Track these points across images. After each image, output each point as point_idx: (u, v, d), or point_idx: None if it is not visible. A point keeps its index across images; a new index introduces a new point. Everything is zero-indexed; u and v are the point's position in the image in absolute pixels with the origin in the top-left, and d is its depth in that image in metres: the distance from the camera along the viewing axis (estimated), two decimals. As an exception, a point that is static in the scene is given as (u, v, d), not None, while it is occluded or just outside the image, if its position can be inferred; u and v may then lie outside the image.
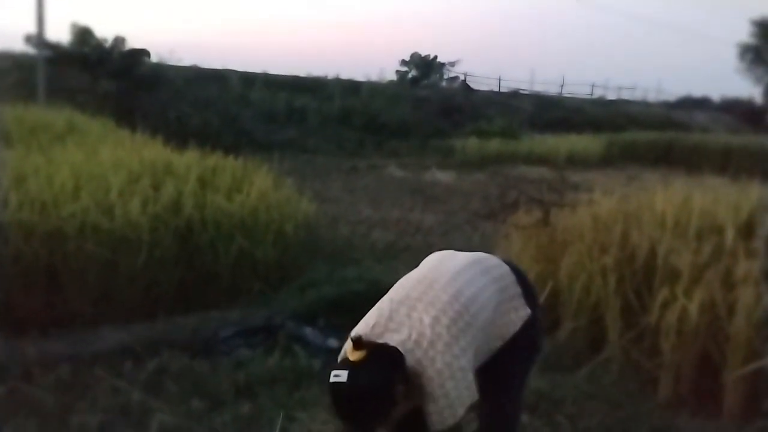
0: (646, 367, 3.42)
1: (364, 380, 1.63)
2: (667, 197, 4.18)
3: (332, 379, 1.64)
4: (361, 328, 1.82)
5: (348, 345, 1.68)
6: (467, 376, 1.76)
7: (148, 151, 6.03)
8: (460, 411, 1.75)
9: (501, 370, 2.02)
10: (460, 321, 1.79)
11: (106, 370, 3.25)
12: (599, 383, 3.42)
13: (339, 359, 1.76)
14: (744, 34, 34.32)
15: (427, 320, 1.78)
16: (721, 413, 3.09)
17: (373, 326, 1.81)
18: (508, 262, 2.11)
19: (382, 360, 1.68)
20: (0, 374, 3.06)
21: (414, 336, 1.76)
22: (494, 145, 16.23)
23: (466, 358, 1.77)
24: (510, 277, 2.02)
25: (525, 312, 1.98)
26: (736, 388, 3.07)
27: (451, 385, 1.72)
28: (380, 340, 1.75)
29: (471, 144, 16.22)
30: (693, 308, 3.18)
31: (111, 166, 5.02)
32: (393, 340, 1.75)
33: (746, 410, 3.05)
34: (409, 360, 1.72)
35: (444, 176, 12.60)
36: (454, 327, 1.77)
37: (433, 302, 1.82)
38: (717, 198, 4.13)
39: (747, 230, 3.60)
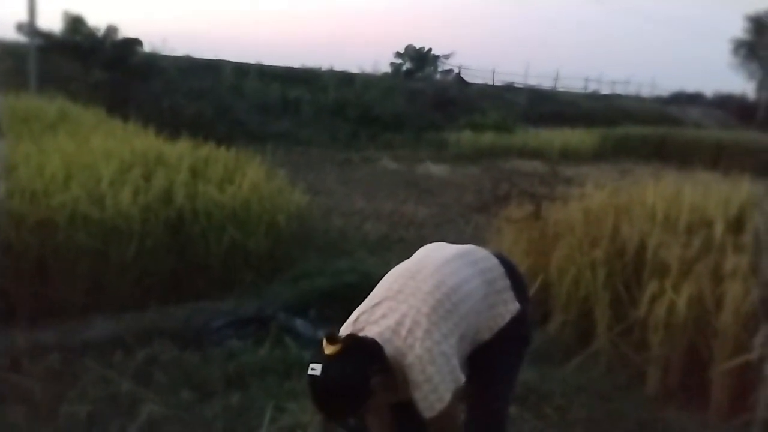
0: (634, 360, 3.44)
1: (336, 373, 1.65)
2: (658, 191, 4.20)
3: (309, 373, 1.68)
4: (346, 323, 1.85)
5: (324, 341, 1.70)
6: (450, 361, 1.77)
7: (139, 141, 6.01)
8: (446, 396, 1.76)
9: (490, 363, 2.02)
10: (440, 309, 1.80)
11: (95, 360, 3.25)
12: (588, 376, 3.44)
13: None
14: (738, 29, 34.45)
15: (407, 310, 1.80)
16: (708, 406, 3.12)
17: (356, 321, 1.84)
18: (498, 255, 2.11)
19: (356, 352, 1.69)
20: (-11, 363, 3.06)
21: (393, 325, 1.78)
22: (488, 138, 16.21)
23: (447, 344, 1.78)
24: (498, 270, 2.02)
25: (514, 306, 1.98)
26: (723, 381, 3.09)
27: (433, 369, 1.74)
28: (362, 334, 1.77)
29: (465, 137, 16.21)
30: (681, 302, 3.20)
31: (102, 155, 5.00)
32: (372, 332, 1.77)
33: (733, 404, 3.07)
34: (388, 350, 1.73)
35: (437, 169, 12.59)
36: (434, 315, 1.79)
37: (414, 293, 1.84)
38: (707, 192, 4.16)
39: (736, 225, 3.62)
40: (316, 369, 1.66)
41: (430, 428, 1.86)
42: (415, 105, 20.92)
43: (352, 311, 1.90)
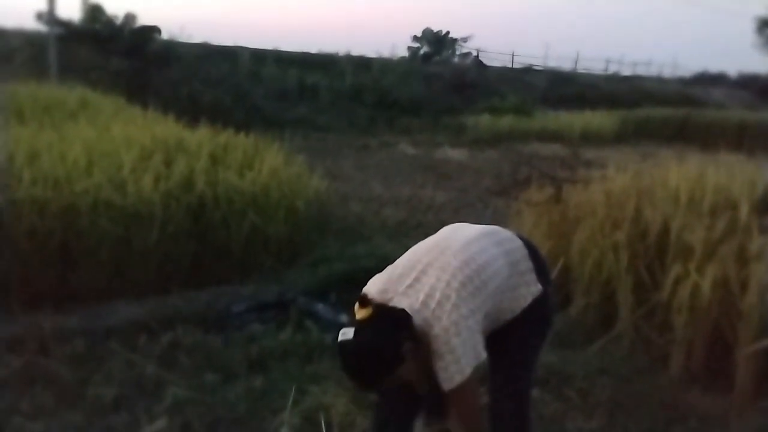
0: (657, 343, 3.42)
1: (369, 337, 1.68)
2: (682, 173, 4.14)
3: (339, 338, 1.71)
4: (370, 293, 1.85)
5: (356, 305, 1.72)
6: (474, 336, 1.79)
7: (159, 127, 6.04)
8: (467, 369, 1.77)
9: (512, 345, 2.03)
10: (469, 285, 1.82)
11: (120, 344, 3.30)
12: (610, 359, 3.42)
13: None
14: (761, 8, 33.62)
15: (436, 283, 1.81)
16: (732, 389, 3.09)
17: (383, 291, 1.84)
18: (521, 237, 2.11)
19: (388, 318, 1.72)
20: (17, 347, 3.12)
21: (422, 297, 1.79)
22: (507, 121, 16.06)
23: (474, 320, 1.79)
24: (522, 252, 2.02)
25: (536, 288, 1.98)
26: (747, 364, 3.05)
27: (457, 341, 1.75)
28: (391, 304, 1.79)
29: (483, 121, 16.07)
30: (705, 284, 3.16)
31: (123, 142, 5.03)
32: (401, 303, 1.79)
33: (758, 387, 3.04)
34: (417, 320, 1.75)
35: (456, 153, 12.53)
36: (463, 290, 1.80)
37: (444, 267, 1.85)
38: (732, 174, 4.09)
39: (762, 206, 3.56)
40: (347, 333, 1.69)
41: (450, 405, 1.86)
42: (433, 89, 20.78)
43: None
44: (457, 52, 30.21)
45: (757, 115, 19.22)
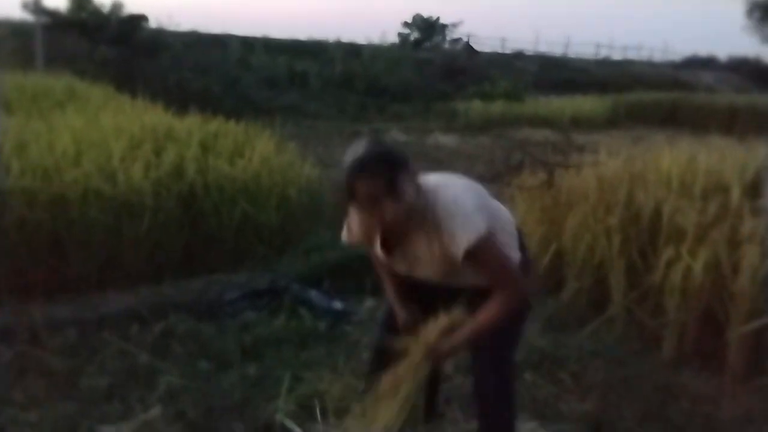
0: (649, 326, 3.43)
1: (380, 147, 1.80)
2: (673, 157, 4.15)
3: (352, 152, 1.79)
4: None
5: None
6: (482, 208, 1.84)
7: (148, 116, 5.99)
8: (480, 223, 1.78)
9: None
10: (476, 188, 1.93)
11: (112, 333, 3.27)
12: (603, 342, 3.44)
13: None
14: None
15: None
16: (724, 371, 3.11)
17: None
18: None
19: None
20: (8, 338, 3.09)
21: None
22: (498, 107, 16.06)
23: (481, 205, 1.86)
24: (511, 220, 2.09)
25: (516, 254, 2.01)
26: (739, 346, 3.08)
27: (463, 198, 1.82)
28: None
29: (474, 106, 16.05)
30: (697, 267, 3.17)
31: (112, 131, 4.99)
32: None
33: (749, 368, 3.06)
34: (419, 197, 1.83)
35: (447, 140, 12.52)
36: (469, 187, 1.91)
37: (447, 182, 1.95)
38: (723, 157, 4.10)
39: (753, 189, 3.58)
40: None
41: (479, 268, 1.87)
42: (424, 75, 20.75)
43: (364, 282, 1.92)
44: (448, 38, 30.21)
45: (747, 98, 19.28)
